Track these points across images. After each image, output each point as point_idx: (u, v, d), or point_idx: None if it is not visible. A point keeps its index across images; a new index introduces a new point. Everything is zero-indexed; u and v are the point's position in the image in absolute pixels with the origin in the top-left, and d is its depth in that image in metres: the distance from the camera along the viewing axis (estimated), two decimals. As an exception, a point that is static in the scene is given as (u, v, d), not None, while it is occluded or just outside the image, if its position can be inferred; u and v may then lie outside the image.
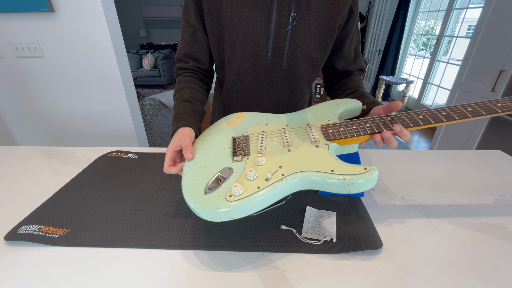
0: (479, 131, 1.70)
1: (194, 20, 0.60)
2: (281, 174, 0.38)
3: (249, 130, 0.50)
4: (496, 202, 0.54)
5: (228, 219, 0.36)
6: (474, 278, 0.37)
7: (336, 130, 0.45)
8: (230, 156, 0.44)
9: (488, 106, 0.42)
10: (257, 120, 0.53)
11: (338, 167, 0.38)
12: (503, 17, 1.53)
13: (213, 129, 0.54)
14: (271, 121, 0.52)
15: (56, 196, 0.55)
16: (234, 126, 0.52)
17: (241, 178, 0.38)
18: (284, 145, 0.44)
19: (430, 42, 3.43)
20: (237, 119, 0.54)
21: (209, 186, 0.38)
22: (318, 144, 0.43)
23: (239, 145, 0.46)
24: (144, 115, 1.70)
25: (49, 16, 1.17)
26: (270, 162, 0.41)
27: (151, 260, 0.40)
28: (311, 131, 0.46)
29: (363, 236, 0.44)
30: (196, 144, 0.49)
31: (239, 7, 0.56)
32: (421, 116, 0.44)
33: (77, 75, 1.31)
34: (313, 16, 0.57)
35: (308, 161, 0.40)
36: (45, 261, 0.40)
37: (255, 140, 0.47)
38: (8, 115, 1.45)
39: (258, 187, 0.36)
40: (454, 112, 0.43)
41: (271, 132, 0.49)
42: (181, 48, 0.64)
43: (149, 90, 4.92)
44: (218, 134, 0.51)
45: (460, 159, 0.71)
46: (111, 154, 0.72)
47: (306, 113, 0.53)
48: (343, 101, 0.53)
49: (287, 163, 0.40)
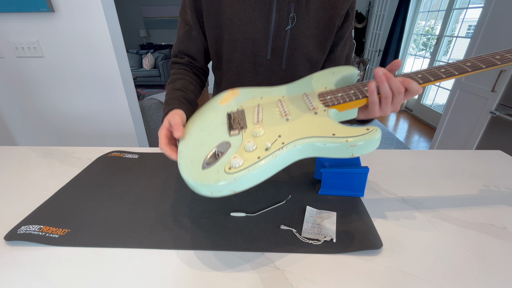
0: (479, 131, 1.70)
1: (190, 18, 0.60)
2: (281, 142, 0.37)
3: (244, 105, 0.48)
4: (496, 202, 0.54)
5: (230, 193, 0.34)
6: (474, 278, 0.37)
7: (334, 95, 0.44)
8: (226, 131, 0.42)
9: (487, 59, 0.40)
10: (251, 94, 0.51)
11: (340, 130, 0.37)
12: (503, 17, 1.53)
13: (206, 107, 0.52)
14: (266, 94, 0.50)
15: (56, 196, 0.55)
16: (228, 103, 0.50)
17: (239, 150, 0.37)
18: (282, 115, 0.42)
19: (430, 42, 3.43)
20: (230, 96, 0.52)
21: (207, 161, 0.37)
22: (316, 111, 0.42)
23: (234, 120, 0.44)
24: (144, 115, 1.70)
25: (49, 16, 1.17)
26: (268, 132, 0.39)
27: (151, 260, 0.40)
28: (308, 99, 0.45)
29: (363, 236, 0.44)
30: (189, 123, 0.48)
31: (239, 7, 0.56)
32: (420, 75, 0.42)
33: (77, 75, 1.31)
34: (312, 16, 0.57)
35: (308, 127, 0.39)
36: (45, 261, 0.40)
37: (251, 113, 0.45)
38: (8, 115, 1.45)
39: (258, 157, 0.35)
40: (453, 68, 0.41)
41: (267, 104, 0.47)
42: (176, 45, 0.65)
43: (149, 90, 4.92)
44: (212, 111, 0.49)
45: (460, 159, 0.71)
46: (111, 154, 0.72)
47: (301, 83, 0.51)
48: (338, 68, 0.50)
49: (287, 131, 0.39)
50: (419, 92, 0.41)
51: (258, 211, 0.50)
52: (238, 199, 0.54)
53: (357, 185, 0.53)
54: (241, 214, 0.49)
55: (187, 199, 0.54)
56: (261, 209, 0.51)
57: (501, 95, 1.57)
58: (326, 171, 0.53)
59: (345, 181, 0.53)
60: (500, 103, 1.59)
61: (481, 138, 1.71)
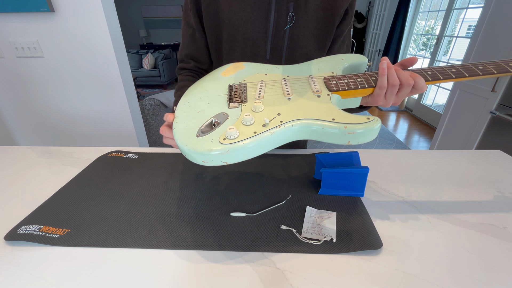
0: (479, 131, 1.70)
1: (193, 20, 0.60)
2: (280, 120, 0.37)
3: (247, 79, 0.48)
4: (496, 202, 0.54)
5: (222, 163, 0.34)
6: (474, 278, 0.37)
7: (340, 81, 0.43)
8: (225, 102, 0.42)
9: (500, 65, 0.41)
10: (256, 70, 0.50)
11: (340, 116, 0.37)
12: (503, 17, 1.53)
13: (208, 77, 0.51)
14: (271, 71, 0.49)
15: (56, 196, 0.55)
16: (231, 75, 0.49)
17: (236, 123, 0.37)
18: (284, 94, 0.42)
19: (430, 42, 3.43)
20: (234, 68, 0.51)
21: (202, 130, 0.36)
22: (320, 95, 0.41)
23: (235, 92, 0.44)
24: (144, 115, 1.70)
25: (49, 16, 1.17)
26: (268, 109, 0.39)
27: (151, 260, 0.40)
28: (313, 81, 0.44)
29: (363, 236, 0.44)
30: (189, 91, 0.47)
31: (238, 7, 0.56)
32: (430, 72, 0.42)
33: (77, 75, 1.31)
34: (311, 16, 0.57)
35: (309, 109, 0.38)
36: (45, 261, 0.40)
37: (253, 88, 0.45)
38: (8, 115, 1.45)
39: (254, 132, 0.35)
40: (464, 70, 0.41)
41: (271, 81, 0.46)
42: (182, 49, 0.65)
43: (149, 90, 4.92)
44: (214, 81, 0.48)
45: (460, 159, 0.71)
46: (111, 154, 0.72)
47: (308, 65, 0.50)
48: (348, 55, 0.50)
49: (287, 111, 0.38)
50: (423, 90, 0.41)
51: (258, 211, 0.50)
52: (238, 199, 0.54)
53: (357, 185, 0.53)
54: (241, 214, 0.49)
55: (187, 199, 0.54)
56: (261, 209, 0.51)
57: (501, 95, 1.57)
58: (326, 171, 0.53)
59: (345, 181, 0.53)
60: (500, 103, 1.59)
61: (481, 138, 1.71)
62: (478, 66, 0.41)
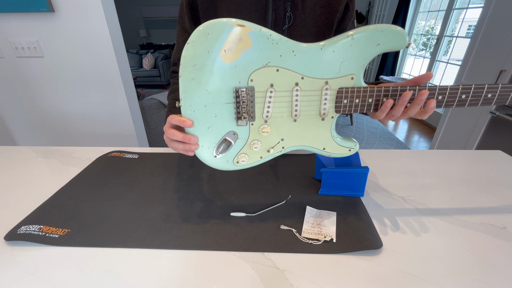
0: (479, 131, 1.70)
1: (188, 25, 0.61)
2: (282, 146, 0.44)
3: (254, 78, 0.40)
4: (496, 202, 0.54)
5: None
6: (474, 278, 0.37)
7: (351, 101, 0.42)
8: (233, 118, 0.41)
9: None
10: (266, 55, 0.39)
11: (330, 146, 0.45)
12: (503, 17, 1.53)
13: (204, 60, 0.38)
14: (284, 62, 0.40)
15: (56, 196, 0.55)
16: (235, 61, 0.39)
17: (246, 148, 0.44)
18: (291, 114, 0.42)
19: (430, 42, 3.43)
20: (238, 45, 0.38)
21: (218, 151, 0.43)
22: (324, 118, 0.43)
23: (243, 104, 0.41)
24: (144, 115, 1.70)
25: (49, 16, 1.17)
26: (274, 133, 0.43)
27: (151, 260, 0.40)
28: (325, 95, 0.41)
29: (363, 236, 0.44)
30: (189, 89, 0.40)
31: (235, 10, 0.56)
32: (440, 96, 0.41)
33: (77, 75, 1.31)
34: (309, 14, 0.57)
35: (309, 136, 0.44)
36: (45, 261, 0.40)
37: (261, 99, 0.41)
38: (8, 115, 1.45)
39: (260, 157, 0.44)
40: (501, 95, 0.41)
41: (281, 90, 0.41)
42: (176, 52, 0.66)
43: (149, 90, 4.92)
44: (215, 74, 0.39)
45: (460, 159, 0.71)
46: (111, 154, 0.72)
47: (333, 53, 0.40)
48: (385, 37, 0.39)
49: (290, 135, 0.44)
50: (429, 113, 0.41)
51: (258, 211, 0.50)
52: (238, 199, 0.54)
53: (357, 185, 0.53)
54: (241, 214, 0.49)
55: (187, 199, 0.54)
56: (261, 209, 0.51)
57: (501, 95, 1.57)
58: (326, 171, 0.53)
59: (345, 181, 0.53)
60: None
61: (481, 138, 1.71)
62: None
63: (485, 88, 0.40)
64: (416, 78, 0.41)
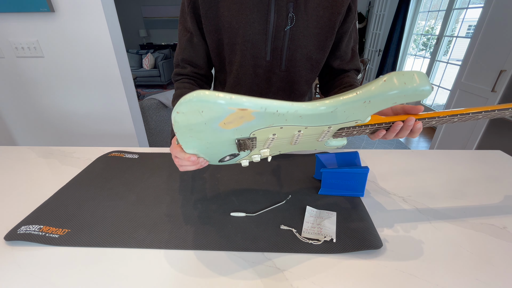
0: (479, 131, 1.71)
1: (190, 25, 0.60)
2: (278, 151, 0.47)
3: (257, 134, 0.38)
4: (496, 202, 0.54)
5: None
6: (474, 278, 0.37)
7: (350, 131, 0.42)
8: (235, 148, 0.42)
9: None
10: (269, 121, 0.36)
11: (321, 148, 0.48)
12: (503, 17, 1.53)
13: (200, 127, 0.35)
14: (289, 123, 0.37)
15: (56, 196, 0.55)
16: (236, 128, 0.36)
17: (245, 158, 0.46)
18: (291, 143, 0.43)
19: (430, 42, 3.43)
20: (239, 119, 0.34)
21: (222, 159, 0.46)
22: (320, 140, 0.44)
23: (244, 147, 0.42)
24: (144, 115, 1.70)
25: (49, 16, 1.17)
26: (273, 149, 0.45)
27: (151, 260, 0.40)
28: (325, 134, 0.42)
29: (363, 236, 0.44)
30: (187, 141, 0.38)
31: (237, 10, 0.56)
32: (434, 121, 0.43)
33: (77, 75, 1.31)
34: (311, 16, 0.57)
35: (304, 147, 0.47)
36: (45, 261, 0.40)
37: (262, 141, 0.41)
38: (8, 115, 1.45)
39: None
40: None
41: (283, 135, 0.41)
42: (178, 53, 0.65)
43: (149, 90, 4.92)
44: (214, 136, 0.37)
45: (460, 159, 0.71)
46: (111, 154, 0.72)
47: (344, 113, 0.38)
48: (404, 91, 0.34)
49: (287, 150, 0.47)
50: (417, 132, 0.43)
51: (258, 211, 0.50)
52: (238, 199, 0.54)
53: (357, 185, 0.53)
54: (241, 214, 0.49)
55: (187, 199, 0.54)
56: (261, 209, 0.51)
57: (501, 95, 1.57)
58: (326, 171, 0.53)
59: (345, 181, 0.53)
60: (500, 103, 1.59)
61: (481, 138, 1.71)
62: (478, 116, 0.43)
63: (469, 114, 0.43)
64: (407, 108, 0.44)
